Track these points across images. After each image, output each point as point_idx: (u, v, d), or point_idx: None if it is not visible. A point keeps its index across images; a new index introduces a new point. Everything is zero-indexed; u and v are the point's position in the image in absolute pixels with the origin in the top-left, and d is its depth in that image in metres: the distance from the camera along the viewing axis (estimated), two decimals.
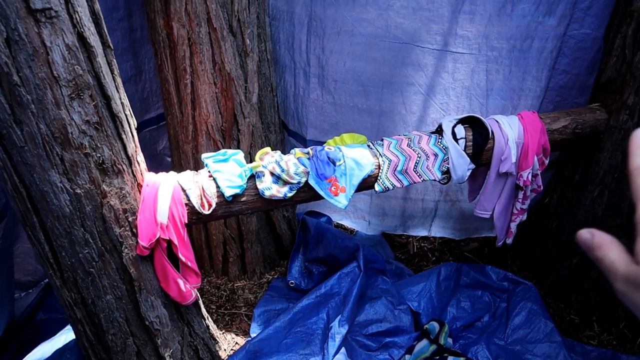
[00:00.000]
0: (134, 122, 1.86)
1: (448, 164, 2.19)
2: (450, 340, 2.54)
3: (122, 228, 1.82)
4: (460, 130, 2.21)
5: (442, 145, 2.17)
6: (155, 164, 3.34)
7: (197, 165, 2.61)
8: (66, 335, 2.56)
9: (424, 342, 2.50)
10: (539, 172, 2.35)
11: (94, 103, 1.62)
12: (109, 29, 2.63)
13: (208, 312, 2.76)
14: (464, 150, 2.19)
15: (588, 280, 2.68)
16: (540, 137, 2.28)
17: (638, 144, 0.55)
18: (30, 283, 2.82)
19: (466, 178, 2.25)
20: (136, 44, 2.92)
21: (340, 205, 2.05)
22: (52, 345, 2.56)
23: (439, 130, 2.25)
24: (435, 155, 2.16)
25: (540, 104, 2.58)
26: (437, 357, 2.39)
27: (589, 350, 2.53)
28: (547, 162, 2.37)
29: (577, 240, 0.58)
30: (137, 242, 1.86)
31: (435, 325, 2.53)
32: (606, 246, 0.55)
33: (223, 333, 2.66)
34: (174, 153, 2.78)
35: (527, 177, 2.30)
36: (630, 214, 2.39)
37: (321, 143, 2.39)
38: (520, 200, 2.41)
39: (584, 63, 2.45)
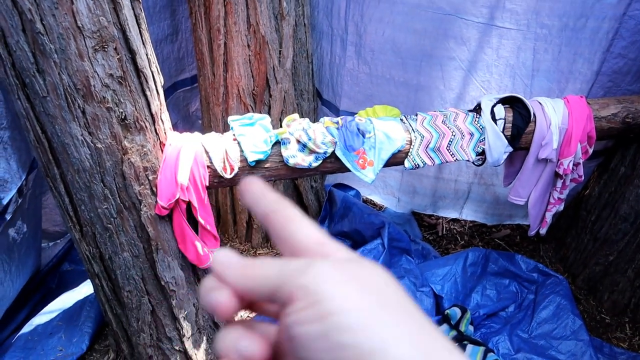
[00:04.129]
0: (160, 80, 1.82)
1: (484, 145, 2.08)
2: (471, 328, 2.46)
3: (142, 186, 1.80)
4: (500, 111, 2.09)
5: (479, 125, 2.06)
6: (188, 125, 3.31)
7: (227, 128, 2.56)
8: (88, 287, 2.60)
9: (444, 327, 2.43)
10: (581, 161, 2.21)
11: (118, 57, 1.58)
12: None
13: None
14: (503, 132, 2.07)
15: (624, 279, 2.54)
16: (586, 124, 2.14)
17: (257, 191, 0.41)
18: (58, 234, 2.86)
19: (502, 161, 2.13)
20: (174, 1, 2.87)
21: (367, 179, 1.97)
22: (74, 296, 2.61)
23: (477, 109, 2.13)
24: (471, 134, 2.05)
25: (589, 88, 2.41)
26: (456, 344, 2.32)
27: (617, 353, 2.41)
28: (591, 151, 2.23)
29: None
30: (156, 201, 1.84)
31: (457, 311, 2.45)
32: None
33: None
34: (204, 115, 2.75)
35: (568, 165, 2.17)
36: None
37: (354, 114, 2.30)
38: (558, 189, 2.28)
39: None
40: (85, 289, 2.62)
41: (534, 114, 2.11)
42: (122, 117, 1.66)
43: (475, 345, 2.28)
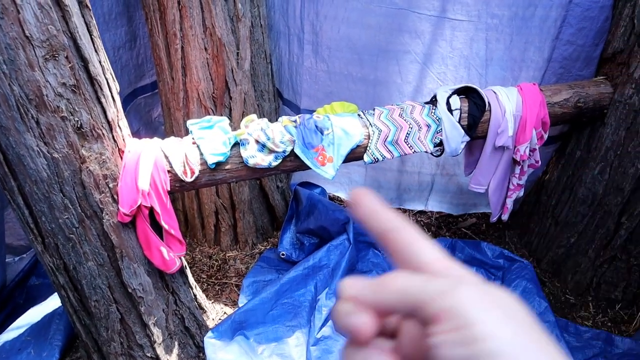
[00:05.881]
0: (115, 86, 1.81)
1: (441, 136, 2.13)
2: None
3: (103, 194, 1.79)
4: (456, 101, 2.13)
5: (435, 116, 2.10)
6: (151, 132, 3.30)
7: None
8: (56, 300, 2.56)
9: None
10: (537, 147, 2.27)
11: (70, 65, 1.57)
12: None
13: (198, 281, 2.75)
14: (459, 122, 2.12)
15: (585, 259, 2.62)
16: (539, 110, 2.20)
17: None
18: (23, 248, 2.82)
19: (460, 151, 2.18)
20: (131, 8, 2.85)
21: (327, 175, 2.00)
22: (42, 309, 2.57)
23: (434, 101, 2.17)
24: (428, 126, 2.09)
25: (542, 76, 2.48)
26: None
27: (582, 331, 2.48)
28: (546, 136, 2.29)
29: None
30: (118, 208, 1.83)
31: None
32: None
33: (212, 302, 2.65)
34: (166, 120, 2.74)
35: (525, 151, 2.23)
36: (633, 192, 2.30)
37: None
38: (516, 175, 2.34)
39: (590, 33, 2.35)
40: (53, 302, 2.59)
41: (489, 103, 2.16)
42: (78, 125, 1.65)
43: None
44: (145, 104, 3.19)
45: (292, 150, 1.94)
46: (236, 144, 1.94)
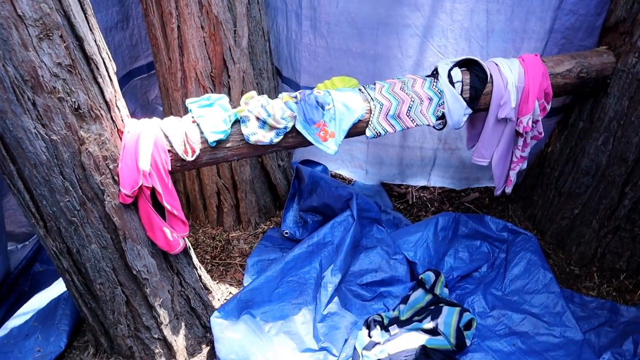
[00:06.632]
0: (112, 66, 1.79)
1: (443, 109, 2.10)
2: (446, 291, 2.50)
3: (103, 175, 1.78)
4: (457, 74, 2.11)
5: (437, 89, 2.07)
6: (148, 114, 3.27)
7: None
8: (61, 286, 2.56)
9: (420, 292, 2.47)
10: (539, 118, 2.25)
11: (65, 44, 1.54)
12: None
13: (202, 262, 2.75)
14: (461, 94, 2.10)
15: (589, 230, 2.61)
16: (542, 81, 2.18)
17: None
18: (25, 235, 2.81)
19: (463, 123, 2.16)
20: None
21: (330, 151, 1.98)
22: (47, 295, 2.57)
23: (435, 74, 2.15)
24: (430, 99, 2.07)
25: (544, 47, 2.45)
26: (433, 307, 2.36)
27: (587, 301, 2.48)
28: (548, 107, 2.27)
29: None
30: (119, 190, 1.81)
31: (431, 275, 2.49)
32: None
33: (217, 283, 2.65)
34: (164, 101, 2.71)
35: (528, 123, 2.20)
36: (636, 162, 2.28)
37: None
38: (519, 147, 2.32)
39: (592, 2, 2.31)
40: (58, 287, 2.58)
41: (491, 75, 2.14)
42: (76, 106, 1.63)
43: (451, 307, 2.32)
44: (142, 85, 3.16)
45: (294, 127, 1.92)
46: (237, 122, 1.92)
